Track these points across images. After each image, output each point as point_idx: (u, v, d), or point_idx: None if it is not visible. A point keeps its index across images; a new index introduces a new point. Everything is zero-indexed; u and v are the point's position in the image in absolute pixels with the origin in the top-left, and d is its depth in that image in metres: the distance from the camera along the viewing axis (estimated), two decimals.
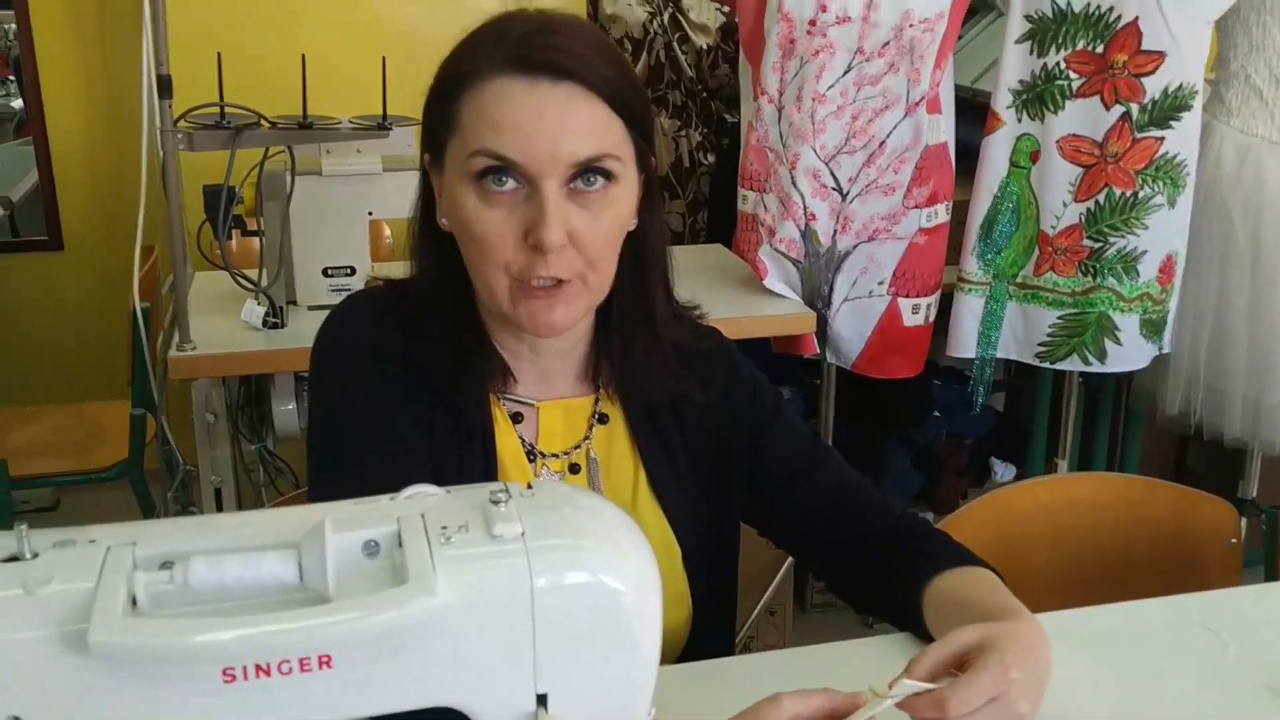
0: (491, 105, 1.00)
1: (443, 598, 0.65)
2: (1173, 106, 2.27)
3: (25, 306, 3.46)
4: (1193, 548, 1.55)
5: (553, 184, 1.00)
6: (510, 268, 1.02)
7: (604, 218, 1.03)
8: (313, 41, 2.19)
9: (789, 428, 1.23)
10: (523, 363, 1.15)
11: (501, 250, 1.02)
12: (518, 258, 1.02)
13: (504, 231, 1.01)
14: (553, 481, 1.12)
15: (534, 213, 1.00)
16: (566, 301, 1.04)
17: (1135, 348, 2.41)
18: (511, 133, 0.99)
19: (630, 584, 0.71)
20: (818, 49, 2.27)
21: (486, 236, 1.01)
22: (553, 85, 1.00)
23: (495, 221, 1.01)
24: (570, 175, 1.01)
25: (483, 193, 1.01)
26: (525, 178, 1.00)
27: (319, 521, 0.67)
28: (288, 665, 0.64)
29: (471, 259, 1.05)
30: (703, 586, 1.18)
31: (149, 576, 0.65)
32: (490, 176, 1.00)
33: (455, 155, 1.03)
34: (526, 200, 1.01)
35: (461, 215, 1.03)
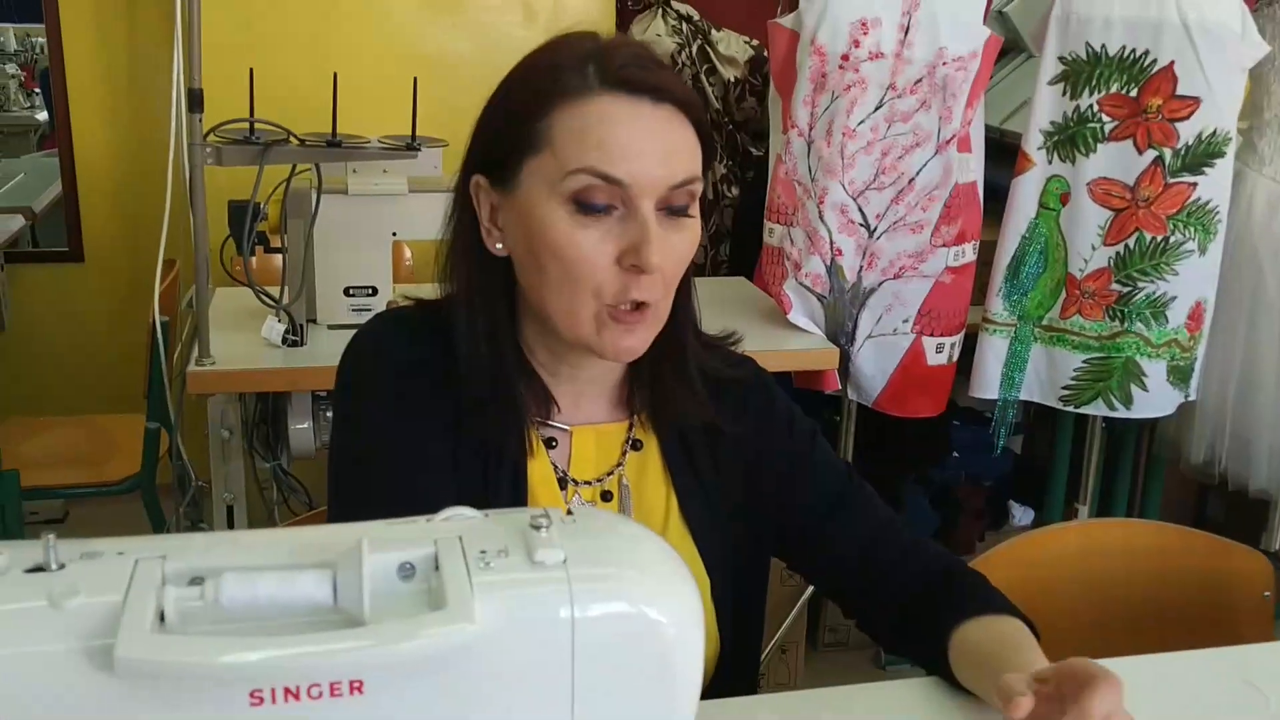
0: (596, 124, 0.98)
1: (480, 624, 0.63)
2: (1206, 153, 2.25)
3: (44, 317, 3.46)
4: (1225, 599, 1.52)
5: (650, 206, 0.99)
6: (601, 291, 1.00)
7: (683, 247, 1.03)
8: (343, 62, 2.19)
9: (824, 463, 1.21)
10: (560, 386, 1.13)
11: (594, 273, 1.00)
12: (611, 280, 1.00)
13: (598, 253, 0.99)
14: (593, 509, 1.09)
15: (634, 235, 0.99)
16: (645, 326, 1.04)
17: (1162, 394, 2.39)
18: (618, 152, 0.98)
19: (672, 616, 0.69)
20: (850, 84, 2.26)
21: (580, 258, 0.99)
22: (654, 107, 0.99)
23: (590, 243, 0.99)
24: (664, 200, 1.00)
25: (577, 214, 0.99)
26: (624, 199, 0.99)
27: (356, 541, 0.65)
28: (318, 689, 0.62)
29: (552, 282, 1.02)
30: (730, 621, 1.16)
31: (179, 592, 0.62)
32: (589, 198, 0.99)
33: (543, 173, 1.00)
34: (622, 222, 0.99)
35: (548, 237, 1.00)
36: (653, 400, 1.14)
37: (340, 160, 2.12)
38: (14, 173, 3.89)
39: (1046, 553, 1.53)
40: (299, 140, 2.05)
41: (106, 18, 3.29)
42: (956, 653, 1.08)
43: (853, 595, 1.21)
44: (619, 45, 1.03)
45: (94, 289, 3.44)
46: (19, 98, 4.27)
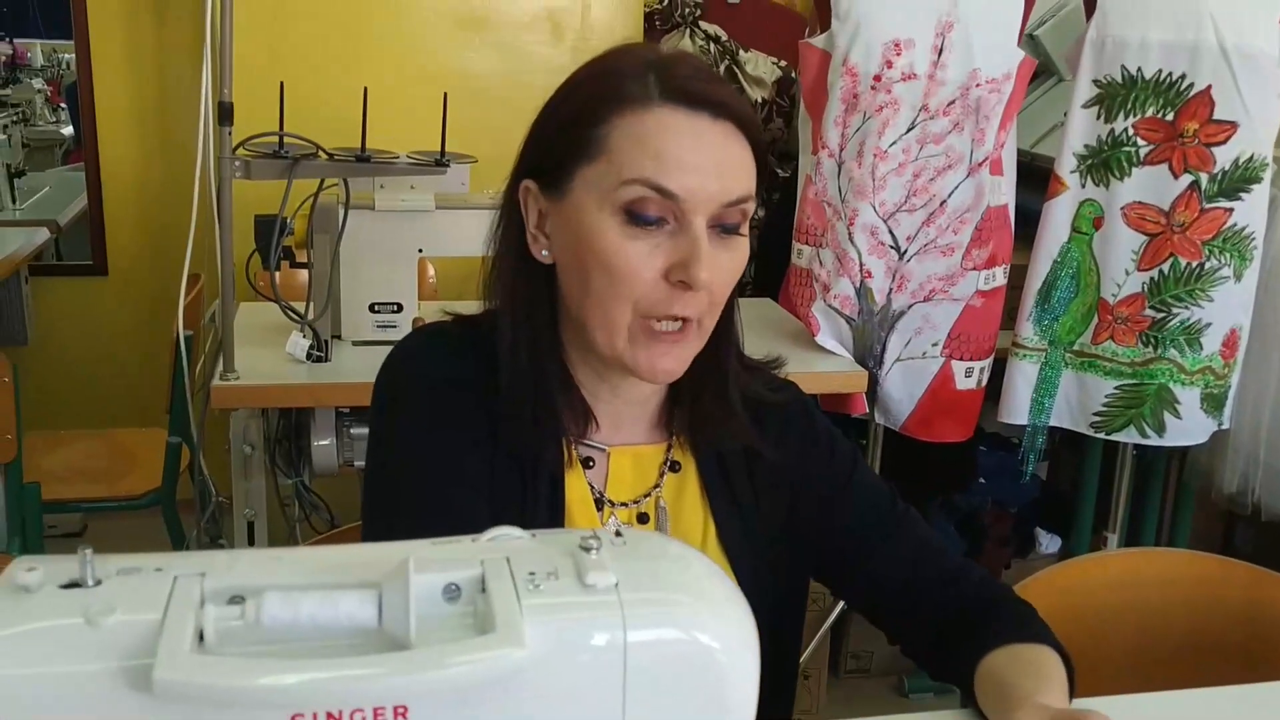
0: (654, 135, 0.97)
1: (530, 649, 0.60)
2: (1243, 178, 2.22)
3: (67, 331, 3.46)
4: (1264, 630, 1.49)
5: (702, 222, 0.97)
6: (641, 305, 0.99)
7: (732, 266, 1.01)
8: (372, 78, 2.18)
9: (866, 487, 1.18)
10: (600, 405, 1.10)
11: (637, 284, 0.98)
12: (652, 294, 0.98)
13: (646, 265, 0.98)
14: (641, 531, 1.07)
15: (684, 250, 0.97)
16: (684, 346, 1.02)
17: (1195, 422, 2.35)
18: (674, 164, 0.96)
19: (724, 642, 0.67)
20: (881, 105, 2.24)
21: (625, 269, 0.97)
22: (713, 122, 0.98)
23: (638, 255, 0.97)
24: (716, 216, 0.98)
25: (629, 224, 0.98)
26: (677, 213, 0.97)
27: (400, 561, 0.62)
28: (361, 715, 0.59)
29: (593, 292, 1.00)
30: (767, 648, 1.13)
31: (219, 611, 0.60)
32: (641, 209, 0.97)
33: (596, 181, 0.99)
34: (672, 236, 0.98)
35: (596, 245, 0.98)
36: (692, 422, 1.12)
37: (369, 175, 2.11)
38: (39, 186, 3.91)
39: (1085, 581, 1.50)
40: (328, 155, 2.04)
41: (135, 33, 3.31)
42: (980, 680, 1.05)
43: (894, 620, 1.18)
44: (681, 58, 1.02)
45: (117, 303, 3.44)
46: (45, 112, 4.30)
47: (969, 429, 2.50)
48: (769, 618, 1.13)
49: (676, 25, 3.17)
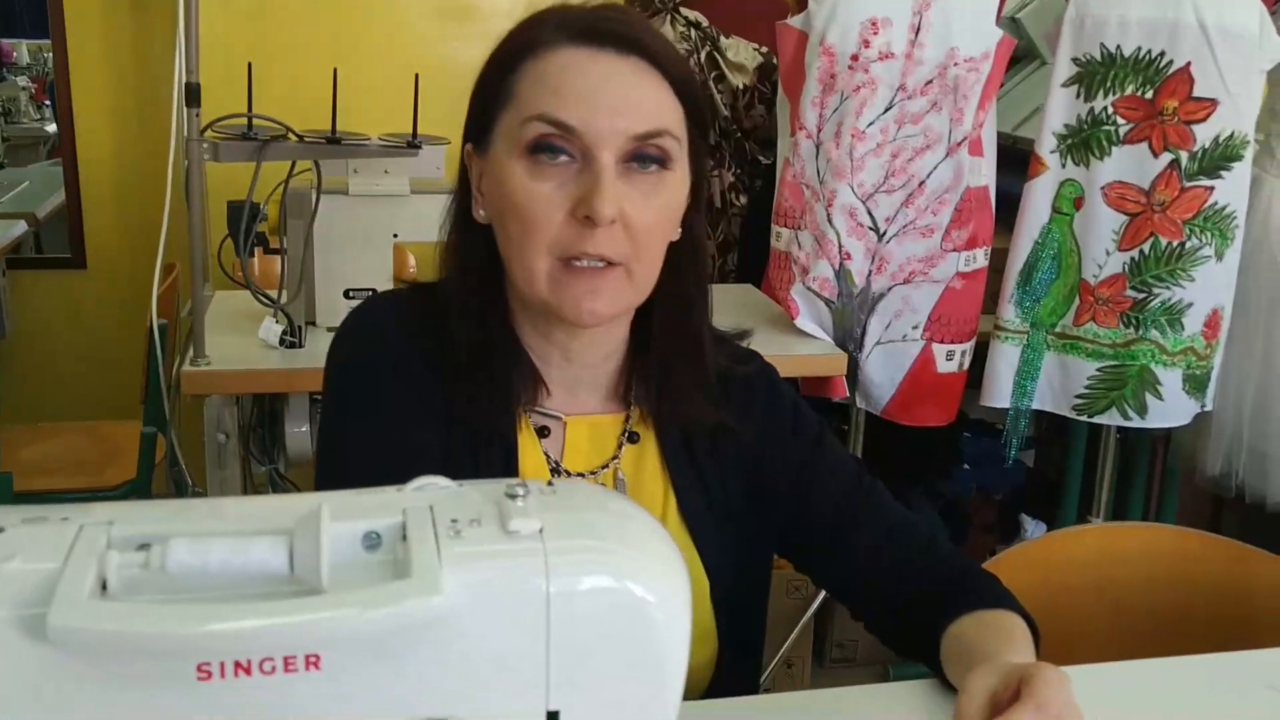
0: (554, 72, 0.96)
1: (448, 596, 0.58)
2: (1223, 156, 2.20)
3: (46, 323, 3.44)
4: (1245, 606, 1.47)
5: (609, 157, 0.95)
6: (555, 246, 0.97)
7: (655, 203, 0.98)
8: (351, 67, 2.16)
9: (833, 460, 1.16)
10: (552, 371, 1.08)
11: (547, 225, 0.96)
12: (564, 234, 0.96)
13: (552, 205, 0.96)
14: (581, 482, 1.05)
15: (587, 185, 0.95)
16: (611, 288, 0.98)
17: (1177, 403, 2.33)
18: (573, 99, 0.95)
19: (660, 596, 0.64)
20: (859, 85, 2.22)
21: (533, 209, 0.96)
22: (619, 57, 0.96)
23: (544, 194, 0.96)
24: (627, 152, 0.96)
25: (533, 165, 0.96)
26: (580, 149, 0.96)
27: (314, 508, 0.60)
28: (271, 664, 0.57)
29: (513, 240, 0.99)
30: (730, 623, 1.11)
31: (123, 558, 0.58)
32: (544, 149, 0.96)
33: (507, 127, 0.98)
34: (578, 174, 0.96)
35: (507, 189, 0.97)
36: (661, 394, 1.09)
37: (340, 157, 2.09)
38: (19, 180, 3.89)
39: (1064, 556, 1.48)
40: (298, 136, 2.02)
41: (112, 27, 3.29)
42: (946, 646, 1.03)
43: (860, 597, 1.16)
44: (592, 4, 1.01)
45: (96, 295, 3.42)
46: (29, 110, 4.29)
47: (951, 413, 2.48)
48: (732, 593, 1.11)
49: (657, 11, 3.15)
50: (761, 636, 1.18)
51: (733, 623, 1.11)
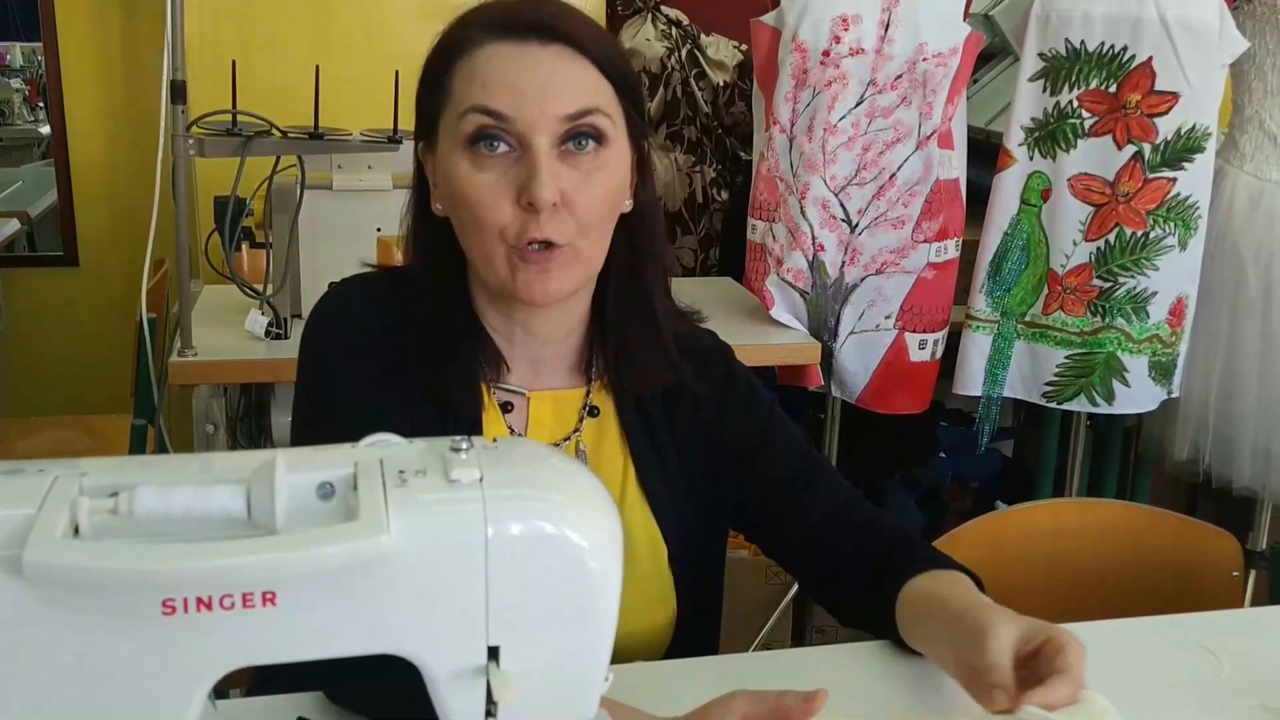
0: (482, 67, 1.02)
1: (394, 538, 0.63)
2: (1185, 148, 2.26)
3: (39, 321, 3.49)
4: (1195, 580, 1.52)
5: (544, 141, 1.00)
6: (505, 233, 1.02)
7: (595, 180, 1.03)
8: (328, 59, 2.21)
9: (784, 436, 1.21)
10: (515, 349, 1.13)
11: (495, 214, 1.01)
12: (512, 221, 1.02)
13: (496, 194, 1.01)
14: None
15: (526, 172, 1.00)
16: (560, 267, 1.04)
17: (1144, 390, 2.39)
18: (502, 89, 1.00)
19: (594, 543, 0.69)
20: (830, 80, 2.27)
21: (480, 200, 1.01)
22: (542, 46, 1.02)
23: (487, 184, 1.01)
24: (561, 134, 1.01)
25: (475, 158, 1.02)
26: (516, 137, 1.01)
27: (270, 459, 0.65)
28: (230, 600, 0.62)
29: (467, 231, 1.05)
30: (688, 587, 1.16)
31: (93, 504, 0.63)
32: (483, 140, 1.01)
33: (447, 125, 1.04)
34: (518, 163, 1.01)
35: (454, 184, 1.03)
36: (618, 363, 1.15)
37: (322, 152, 2.14)
38: (12, 180, 3.94)
39: (1015, 532, 1.53)
40: (281, 132, 2.06)
41: (102, 30, 3.35)
42: (902, 610, 1.08)
43: (812, 568, 1.20)
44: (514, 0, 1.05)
45: (88, 292, 3.47)
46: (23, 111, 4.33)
47: (924, 401, 2.53)
48: (690, 560, 1.16)
49: (638, 10, 3.20)
50: (719, 600, 1.23)
51: (691, 586, 1.16)
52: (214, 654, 0.64)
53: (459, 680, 0.68)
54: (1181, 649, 1.15)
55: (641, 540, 1.13)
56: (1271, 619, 1.29)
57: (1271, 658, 1.14)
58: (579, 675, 0.71)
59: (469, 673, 0.68)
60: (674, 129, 3.23)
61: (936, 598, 1.06)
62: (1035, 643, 0.93)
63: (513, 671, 0.68)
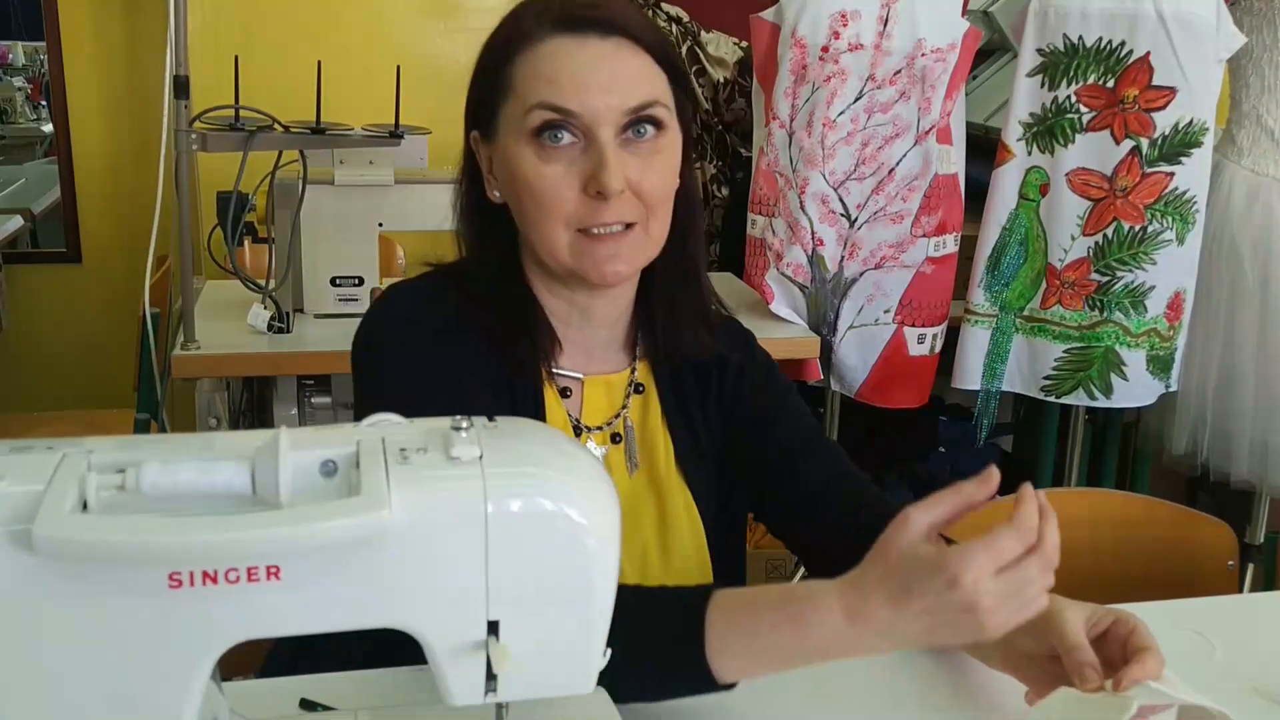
0: (546, 62, 1.05)
1: (395, 513, 0.65)
2: (1183, 142, 2.27)
3: (43, 317, 3.50)
4: (1190, 569, 1.53)
5: (609, 133, 1.04)
6: (572, 220, 1.06)
7: (655, 164, 1.07)
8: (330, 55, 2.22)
9: (797, 411, 1.24)
10: (571, 333, 1.17)
11: (562, 204, 1.05)
12: (579, 209, 1.05)
13: (564, 184, 1.04)
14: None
15: (593, 162, 1.04)
16: (631, 248, 1.08)
17: (1142, 384, 2.40)
18: (568, 85, 1.03)
19: (593, 521, 0.70)
20: (829, 75, 2.28)
21: (546, 190, 1.05)
22: (601, 40, 1.05)
23: (555, 175, 1.05)
24: (624, 124, 1.05)
25: (541, 149, 1.05)
26: (582, 129, 1.04)
27: (274, 436, 0.67)
28: (235, 574, 0.64)
29: (530, 218, 1.08)
30: (719, 565, 1.19)
31: (101, 479, 0.64)
32: (548, 132, 1.04)
33: (511, 117, 1.07)
34: (584, 153, 1.05)
35: (520, 174, 1.06)
36: (668, 336, 1.17)
37: (324, 147, 2.15)
38: (16, 178, 3.96)
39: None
40: (283, 127, 2.08)
41: (104, 28, 3.36)
42: None
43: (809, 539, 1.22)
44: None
45: (91, 289, 3.49)
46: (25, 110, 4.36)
47: (923, 396, 2.54)
48: (721, 534, 1.19)
49: (640, 7, 3.21)
50: (744, 577, 1.26)
51: (722, 564, 1.18)
52: (219, 626, 0.65)
53: (459, 654, 0.69)
54: (1174, 633, 1.15)
55: (683, 519, 1.17)
56: (1263, 604, 1.30)
57: (1263, 642, 1.16)
58: (578, 651, 0.72)
59: (469, 647, 0.69)
60: None
61: None
62: (1102, 625, 0.95)
63: (512, 646, 0.69)
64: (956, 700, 1.04)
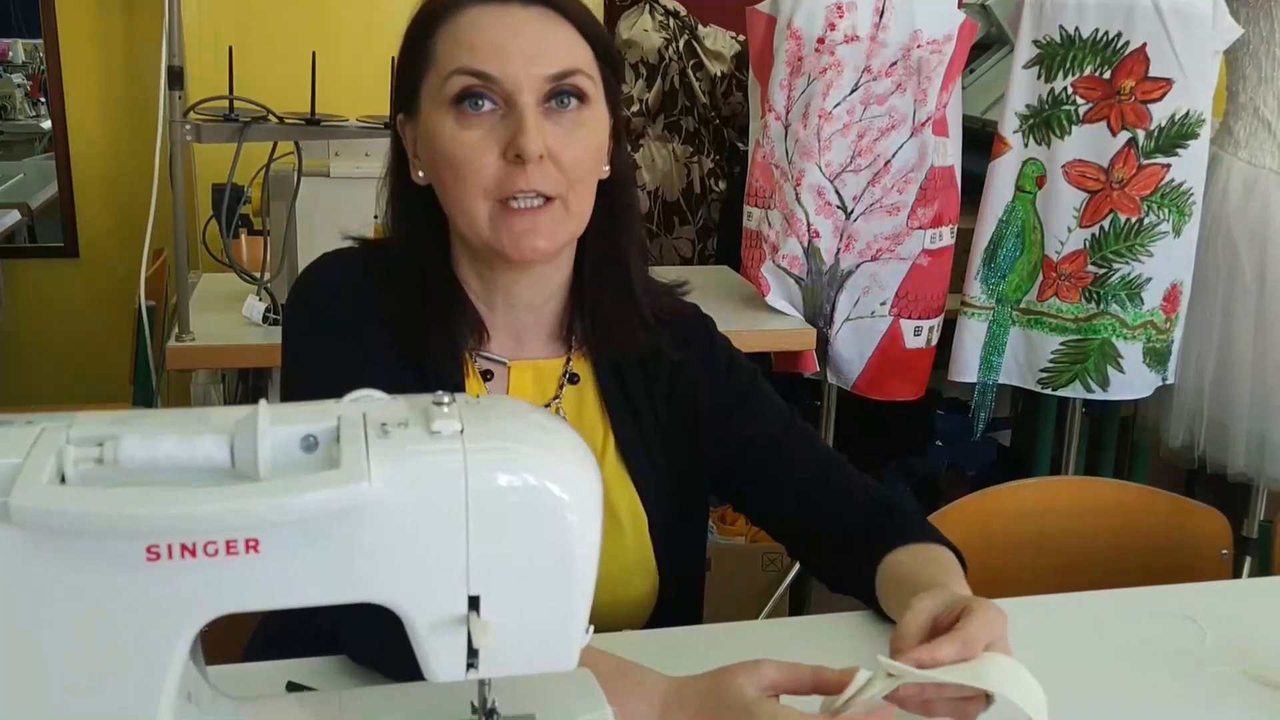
0: (466, 30, 1.04)
1: (374, 486, 0.64)
2: (1179, 134, 2.26)
3: (40, 311, 3.51)
4: (1184, 557, 1.53)
5: (529, 99, 1.03)
6: (491, 188, 1.04)
7: (579, 136, 1.05)
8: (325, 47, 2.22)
9: (766, 402, 1.22)
10: (497, 317, 1.15)
11: (481, 170, 1.03)
12: (498, 175, 1.03)
13: (482, 150, 1.03)
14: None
15: (512, 127, 1.02)
16: (550, 223, 1.06)
17: (1138, 376, 2.39)
18: (488, 50, 1.02)
19: (575, 496, 0.70)
20: (825, 67, 2.28)
21: (465, 158, 1.03)
22: (524, 7, 1.04)
23: (473, 142, 1.03)
24: (545, 93, 1.03)
25: (461, 116, 1.03)
26: (502, 96, 1.03)
27: (253, 411, 0.66)
28: (214, 546, 0.63)
29: (451, 192, 1.06)
30: (669, 558, 1.17)
31: (79, 452, 0.64)
32: (468, 100, 1.03)
33: (431, 88, 1.05)
34: (503, 119, 1.03)
35: (440, 143, 1.04)
36: (595, 327, 1.16)
37: (319, 138, 2.14)
38: (14, 173, 3.96)
39: (1005, 510, 1.53)
40: (277, 118, 2.08)
41: (102, 25, 3.37)
42: (881, 579, 1.09)
43: (793, 531, 1.22)
44: None
45: (88, 283, 3.49)
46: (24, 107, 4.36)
47: (920, 388, 2.54)
48: (671, 529, 1.17)
49: (636, 1, 3.21)
50: (701, 571, 1.24)
51: (672, 557, 1.17)
52: (198, 600, 0.65)
53: (440, 629, 0.69)
54: (1164, 618, 1.16)
55: (623, 509, 1.15)
56: (1255, 590, 1.30)
57: (1254, 627, 1.15)
58: (559, 627, 0.72)
59: (450, 622, 0.69)
60: (671, 120, 3.24)
61: (908, 574, 1.08)
62: (954, 613, 0.93)
63: (493, 621, 0.69)
64: None
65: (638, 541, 1.15)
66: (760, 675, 0.87)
